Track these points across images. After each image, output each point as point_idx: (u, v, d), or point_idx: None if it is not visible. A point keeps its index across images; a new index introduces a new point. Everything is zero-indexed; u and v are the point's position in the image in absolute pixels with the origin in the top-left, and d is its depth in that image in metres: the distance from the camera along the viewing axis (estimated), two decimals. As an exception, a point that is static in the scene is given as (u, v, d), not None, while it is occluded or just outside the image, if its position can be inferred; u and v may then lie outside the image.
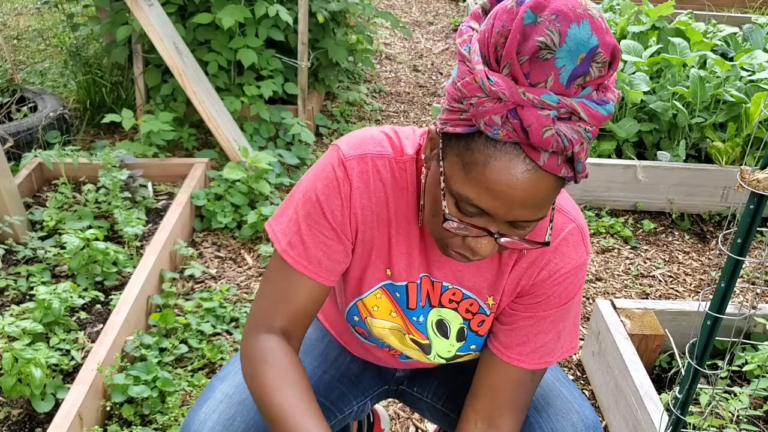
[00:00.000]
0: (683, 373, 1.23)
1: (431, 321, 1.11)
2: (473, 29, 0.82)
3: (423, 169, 0.96)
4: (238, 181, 2.70)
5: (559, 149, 0.76)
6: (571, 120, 0.76)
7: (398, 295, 1.08)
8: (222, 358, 2.01)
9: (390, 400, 1.95)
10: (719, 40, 3.78)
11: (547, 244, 0.88)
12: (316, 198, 0.98)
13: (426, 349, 1.15)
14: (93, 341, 1.98)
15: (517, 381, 1.05)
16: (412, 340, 1.14)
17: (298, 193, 1.02)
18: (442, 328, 1.11)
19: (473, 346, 1.12)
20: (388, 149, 0.99)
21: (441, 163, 0.85)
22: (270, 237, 1.03)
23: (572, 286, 1.02)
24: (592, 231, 2.91)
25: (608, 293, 2.53)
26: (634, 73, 3.28)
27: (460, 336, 1.11)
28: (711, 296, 1.16)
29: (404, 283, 1.07)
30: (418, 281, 1.06)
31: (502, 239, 0.85)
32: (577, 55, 0.73)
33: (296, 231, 1.00)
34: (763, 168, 1.04)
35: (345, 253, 1.02)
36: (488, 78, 0.75)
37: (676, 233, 2.97)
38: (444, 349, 1.13)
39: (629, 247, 2.84)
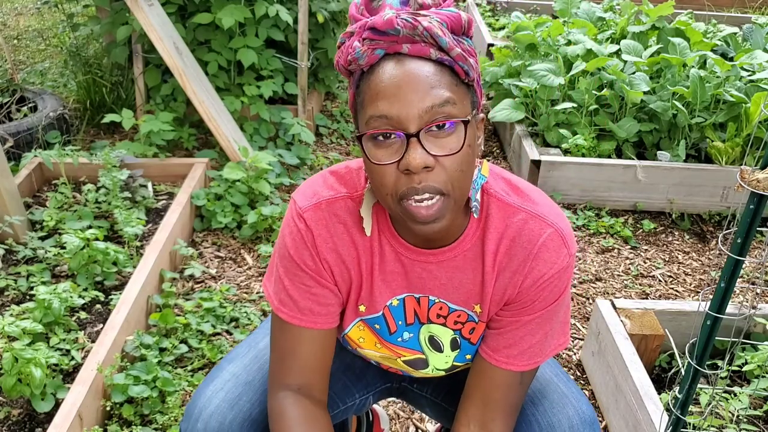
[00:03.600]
0: (683, 373, 1.23)
1: (424, 338, 1.13)
2: None
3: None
4: (238, 181, 2.70)
5: (408, 28, 0.85)
6: (415, 14, 0.87)
7: (377, 326, 1.12)
8: (222, 358, 2.00)
9: (390, 400, 1.95)
10: (719, 40, 3.78)
11: (458, 152, 0.88)
12: (288, 254, 1.04)
13: (422, 364, 1.17)
14: (93, 341, 1.98)
15: (506, 384, 1.07)
16: (406, 362, 1.17)
17: (276, 251, 1.08)
18: (434, 344, 1.14)
19: (468, 356, 1.14)
20: (341, 190, 1.04)
21: (357, 133, 0.93)
22: (266, 298, 1.10)
23: (557, 288, 1.03)
24: (591, 231, 2.91)
25: (608, 293, 2.53)
26: (634, 73, 3.28)
27: (454, 345, 1.13)
28: (711, 296, 1.16)
29: (380, 313, 1.09)
30: (399, 303, 1.09)
31: (430, 147, 0.86)
32: None
33: (283, 288, 1.05)
34: (763, 168, 1.04)
35: (333, 295, 1.07)
36: (345, 32, 0.91)
37: (676, 233, 2.97)
38: (441, 362, 1.16)
39: (629, 247, 2.84)
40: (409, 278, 1.06)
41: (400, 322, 1.11)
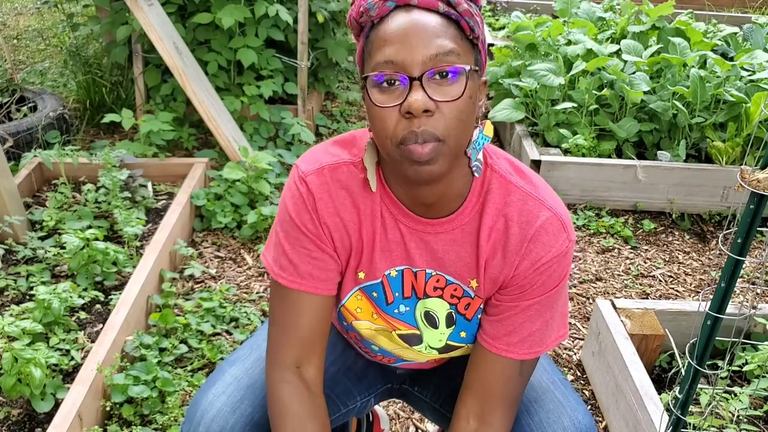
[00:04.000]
0: (683, 373, 1.23)
1: (419, 313, 1.12)
2: None
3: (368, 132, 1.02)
4: (238, 180, 2.70)
5: None
6: None
7: (375, 294, 1.11)
8: (222, 359, 2.01)
9: (390, 400, 1.95)
10: (719, 39, 3.78)
11: (457, 96, 0.89)
12: (289, 217, 1.04)
13: (416, 340, 1.16)
14: (93, 341, 1.97)
15: (505, 374, 1.06)
16: (401, 336, 1.16)
17: (276, 217, 1.08)
18: (430, 319, 1.13)
19: (463, 334, 1.13)
20: (344, 156, 1.04)
21: (363, 78, 0.93)
22: (265, 266, 1.10)
23: (555, 274, 1.02)
24: (591, 231, 2.91)
25: (608, 293, 2.53)
26: (634, 73, 3.28)
27: (449, 321, 1.12)
28: (711, 296, 1.16)
29: (379, 280, 1.09)
30: (398, 274, 1.08)
31: (432, 92, 0.88)
32: None
33: (282, 253, 1.05)
34: (763, 168, 1.03)
35: (333, 261, 1.07)
36: None
37: (677, 233, 2.97)
38: (435, 339, 1.15)
39: (629, 247, 2.84)
40: (408, 248, 1.06)
41: (397, 294, 1.10)
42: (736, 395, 1.81)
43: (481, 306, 1.10)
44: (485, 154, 1.04)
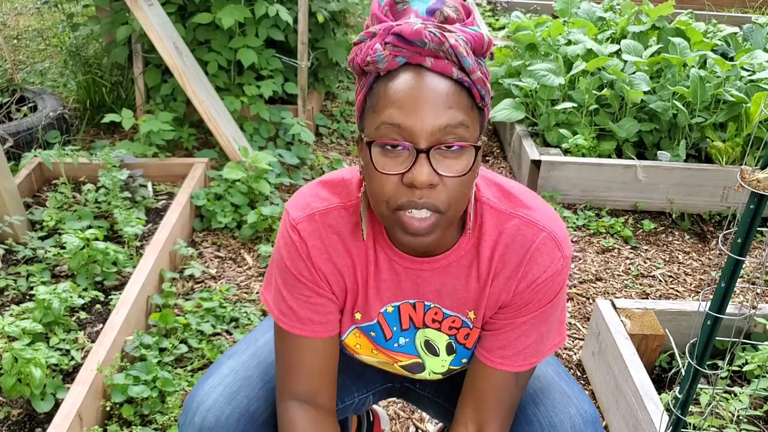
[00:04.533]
0: (683, 373, 1.23)
1: (419, 342, 1.14)
2: None
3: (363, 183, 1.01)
4: (238, 181, 2.70)
5: (435, 43, 0.84)
6: (440, 29, 0.86)
7: (373, 334, 1.12)
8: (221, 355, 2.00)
9: (390, 400, 1.95)
10: (719, 39, 3.78)
11: (463, 173, 0.89)
12: (285, 266, 1.04)
13: (419, 368, 1.18)
14: (93, 341, 1.97)
15: (501, 385, 1.07)
16: (403, 366, 1.18)
17: (273, 262, 1.08)
18: (430, 348, 1.14)
19: (464, 360, 1.15)
20: (334, 200, 1.04)
21: (362, 135, 0.92)
22: (266, 307, 1.11)
23: (550, 291, 1.03)
24: (591, 231, 2.91)
25: (608, 293, 2.53)
26: (634, 72, 3.28)
27: (450, 350, 1.14)
28: (711, 296, 1.16)
29: (375, 321, 1.10)
30: (394, 309, 1.09)
31: (437, 164, 0.86)
32: (428, 1, 0.88)
33: (282, 299, 1.06)
34: (763, 168, 1.03)
35: (332, 303, 1.07)
36: (367, 29, 0.89)
37: (676, 233, 2.97)
38: (437, 365, 1.16)
39: (629, 247, 2.84)
40: (403, 286, 1.06)
41: (395, 328, 1.11)
42: (736, 395, 1.81)
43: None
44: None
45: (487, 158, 3.58)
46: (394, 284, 1.06)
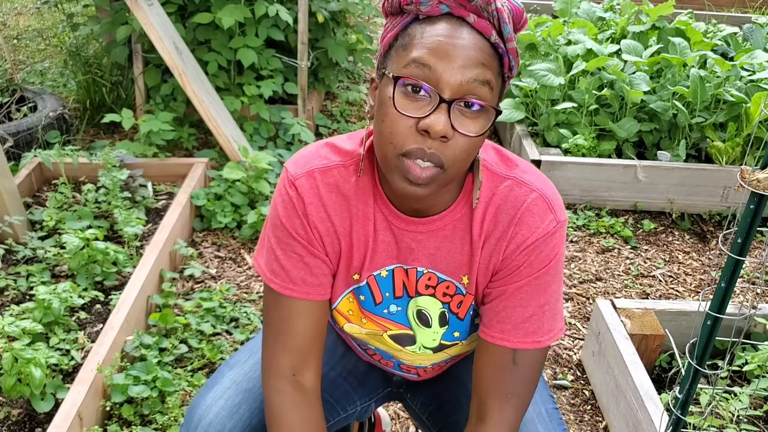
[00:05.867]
0: (683, 373, 1.23)
1: (412, 312, 1.11)
2: None
3: (367, 125, 1.00)
4: (238, 180, 2.70)
5: (483, 1, 0.84)
6: None
7: (363, 297, 1.10)
8: (222, 358, 2.01)
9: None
10: (719, 39, 3.78)
11: (481, 137, 0.89)
12: (280, 222, 1.02)
13: (409, 340, 1.14)
14: (93, 341, 1.97)
15: (499, 363, 1.02)
16: (392, 336, 1.14)
17: (267, 222, 1.06)
18: (422, 318, 1.11)
19: (456, 333, 1.12)
20: (334, 159, 1.03)
21: (384, 70, 0.91)
22: (257, 271, 1.08)
23: (543, 254, 0.99)
24: (591, 231, 2.91)
25: (608, 293, 2.53)
26: (634, 72, 3.28)
27: (442, 321, 1.11)
28: (711, 296, 1.16)
29: (365, 282, 1.08)
30: (388, 274, 1.07)
31: (455, 121, 0.86)
32: None
33: (275, 258, 1.04)
34: (763, 168, 1.03)
35: (325, 265, 1.05)
36: None
37: (676, 233, 2.97)
38: (428, 339, 1.13)
39: (629, 247, 2.84)
40: (400, 248, 1.04)
41: (387, 294, 1.09)
42: (736, 395, 1.81)
43: (473, 304, 1.08)
44: None
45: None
46: (390, 246, 1.05)
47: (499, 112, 0.90)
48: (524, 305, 1.01)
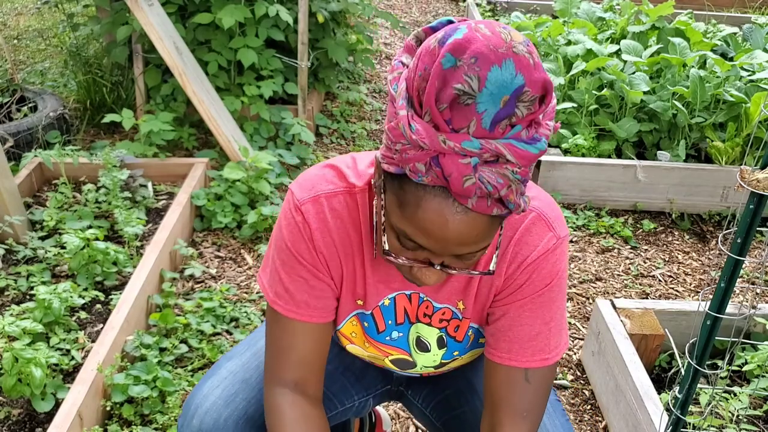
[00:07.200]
0: (683, 372, 1.23)
1: (412, 338, 1.12)
2: (404, 65, 0.79)
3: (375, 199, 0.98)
4: (238, 180, 2.70)
5: (484, 194, 0.75)
6: (497, 163, 0.74)
7: (366, 324, 1.11)
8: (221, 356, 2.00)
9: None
10: (719, 40, 3.78)
11: (491, 272, 0.90)
12: (285, 246, 1.02)
13: (409, 365, 1.16)
14: (93, 341, 1.98)
15: (510, 383, 1.02)
16: (393, 361, 1.16)
17: (272, 243, 1.06)
18: (421, 345, 1.13)
19: (456, 352, 1.13)
20: (339, 185, 1.02)
21: (382, 196, 0.86)
22: (261, 289, 1.09)
23: (545, 271, 0.99)
24: (591, 231, 2.91)
25: (608, 293, 2.53)
26: (634, 73, 3.28)
27: (440, 344, 1.12)
28: (711, 296, 1.16)
29: (370, 312, 1.09)
30: (390, 302, 1.08)
31: (448, 270, 0.88)
32: (499, 98, 0.71)
33: (279, 281, 1.04)
34: (763, 168, 1.04)
35: (330, 289, 1.05)
36: (410, 125, 0.74)
37: (676, 233, 2.97)
38: (429, 361, 1.15)
39: (629, 247, 2.84)
40: (401, 276, 1.05)
41: (389, 322, 1.10)
42: (735, 395, 1.81)
43: (471, 326, 1.09)
44: None
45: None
46: (393, 274, 1.05)
47: (503, 217, 0.82)
48: (530, 323, 1.01)
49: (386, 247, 0.87)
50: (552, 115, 0.80)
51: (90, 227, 2.39)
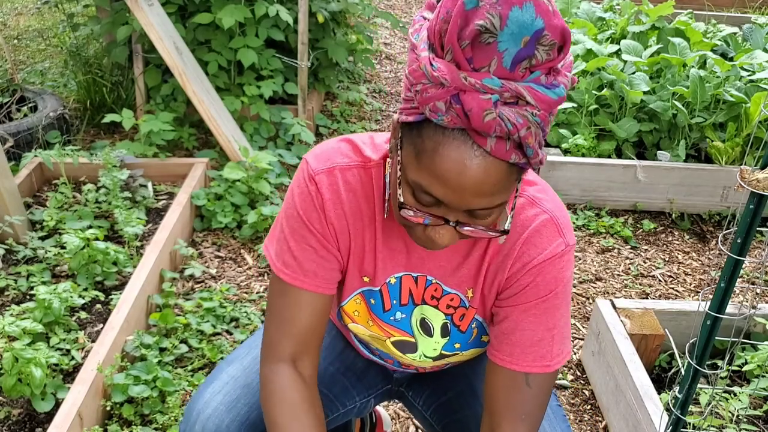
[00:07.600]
0: (683, 372, 1.23)
1: (415, 320, 1.12)
2: (425, 19, 0.82)
3: (388, 160, 0.98)
4: (238, 180, 2.70)
5: (504, 134, 0.76)
6: (517, 104, 0.76)
7: (373, 301, 1.10)
8: (222, 358, 2.01)
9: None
10: (719, 40, 3.78)
11: (506, 232, 0.88)
12: (297, 213, 1.02)
13: (411, 348, 1.15)
14: (93, 341, 1.98)
15: (510, 386, 1.02)
16: (394, 343, 1.15)
17: (282, 212, 1.05)
18: (425, 327, 1.12)
19: (457, 345, 1.12)
20: (355, 159, 1.02)
21: (399, 152, 0.86)
22: (267, 259, 1.07)
23: (549, 276, 0.99)
24: (591, 231, 2.91)
25: (608, 293, 2.53)
26: (634, 73, 3.28)
27: (444, 332, 1.11)
28: (711, 296, 1.16)
29: (378, 288, 1.08)
30: (396, 281, 1.07)
31: (463, 228, 0.86)
32: (520, 37, 0.72)
33: (287, 249, 1.03)
34: (763, 168, 1.04)
35: (336, 260, 1.05)
36: (431, 64, 0.76)
37: (676, 233, 2.97)
38: (429, 348, 1.14)
39: (629, 247, 2.84)
40: (410, 257, 1.05)
41: (395, 302, 1.09)
42: (735, 395, 1.81)
43: (476, 318, 1.09)
44: None
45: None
46: (401, 254, 1.05)
47: (524, 170, 0.83)
48: (533, 329, 1.01)
49: (401, 200, 0.86)
50: (570, 67, 0.81)
51: (90, 227, 2.40)
